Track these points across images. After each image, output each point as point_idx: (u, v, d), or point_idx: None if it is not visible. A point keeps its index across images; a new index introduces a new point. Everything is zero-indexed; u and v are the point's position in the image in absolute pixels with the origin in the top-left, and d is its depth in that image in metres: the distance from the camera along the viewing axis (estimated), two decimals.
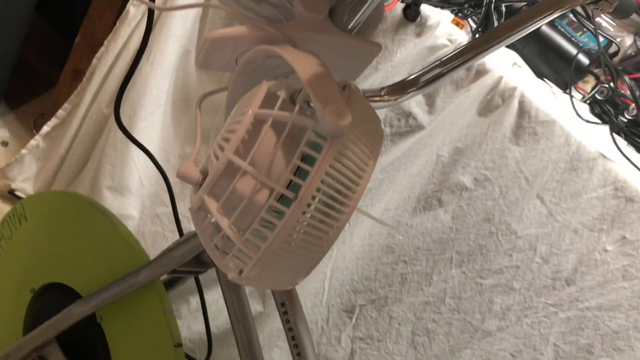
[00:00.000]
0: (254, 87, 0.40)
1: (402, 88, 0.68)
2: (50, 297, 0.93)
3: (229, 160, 0.37)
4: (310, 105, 0.42)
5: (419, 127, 1.04)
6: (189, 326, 1.23)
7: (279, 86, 0.40)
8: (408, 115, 1.04)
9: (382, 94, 0.69)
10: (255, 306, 1.15)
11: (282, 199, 0.38)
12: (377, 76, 1.05)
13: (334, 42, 0.45)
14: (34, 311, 0.94)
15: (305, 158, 0.39)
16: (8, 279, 0.98)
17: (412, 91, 0.69)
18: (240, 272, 0.38)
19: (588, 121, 0.98)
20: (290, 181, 0.39)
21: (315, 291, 1.13)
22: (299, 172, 0.39)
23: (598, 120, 1.02)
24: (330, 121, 0.35)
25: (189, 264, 0.75)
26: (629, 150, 0.99)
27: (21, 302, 0.94)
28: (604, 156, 0.89)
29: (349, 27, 0.47)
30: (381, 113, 1.05)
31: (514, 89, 0.94)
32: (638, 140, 1.03)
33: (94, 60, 1.33)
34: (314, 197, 0.37)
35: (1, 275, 0.99)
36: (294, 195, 0.36)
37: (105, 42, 1.30)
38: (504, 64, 1.00)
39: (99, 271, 0.85)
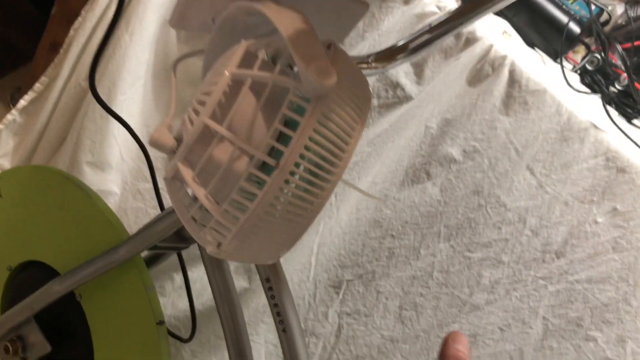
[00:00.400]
0: (232, 47, 0.37)
1: (390, 55, 0.65)
2: (28, 275, 0.90)
3: (204, 125, 0.35)
4: (292, 68, 0.39)
5: (407, 98, 1.01)
6: (174, 303, 1.21)
7: (258, 45, 0.37)
8: (396, 86, 1.02)
9: (370, 60, 0.66)
10: (240, 282, 1.13)
11: (263, 167, 0.35)
12: (363, 45, 1.02)
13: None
14: (11, 290, 0.91)
15: (288, 123, 0.36)
16: None
17: (401, 58, 0.66)
18: (219, 245, 0.36)
19: (579, 91, 0.96)
20: (273, 148, 0.36)
21: (302, 267, 1.11)
22: (282, 138, 0.36)
23: (589, 90, 1.00)
24: (314, 80, 0.32)
25: (170, 239, 0.73)
26: (620, 121, 0.97)
27: None
28: (595, 126, 0.87)
29: None
30: (368, 84, 1.02)
31: (504, 58, 0.91)
32: (629, 110, 1.01)
33: (71, 32, 1.28)
34: (297, 165, 0.34)
35: None
36: (275, 162, 0.34)
37: (82, 12, 1.25)
38: (494, 32, 0.97)
39: (77, 248, 0.82)
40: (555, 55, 1.05)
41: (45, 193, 0.87)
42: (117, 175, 1.28)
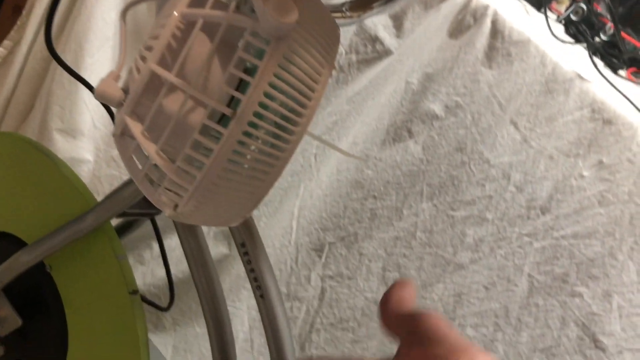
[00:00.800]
0: None
1: (366, 3, 0.61)
2: None
3: (152, 72, 0.31)
4: (252, 10, 0.35)
5: (387, 52, 0.97)
6: (153, 272, 1.18)
7: None
8: (374, 40, 0.97)
9: (344, 9, 0.62)
10: (220, 248, 1.10)
11: (220, 119, 0.32)
12: None
13: None
14: None
15: (249, 70, 0.32)
16: None
17: (377, 6, 0.62)
18: (176, 207, 0.33)
19: (564, 41, 0.93)
20: (233, 98, 0.32)
21: (283, 231, 1.08)
22: (241, 86, 0.33)
23: (573, 41, 0.96)
24: (271, 18, 0.29)
25: (139, 205, 0.69)
26: (606, 71, 0.94)
27: None
28: (580, 77, 0.84)
29: None
30: (345, 38, 0.98)
31: (486, 8, 0.88)
32: (615, 60, 0.98)
33: None
34: (257, 115, 0.31)
35: None
36: (231, 112, 0.30)
37: None
38: None
39: (45, 218, 0.78)
40: (539, 5, 1.01)
41: (11, 161, 0.82)
42: (89, 142, 1.24)
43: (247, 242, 0.65)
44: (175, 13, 0.31)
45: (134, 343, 0.74)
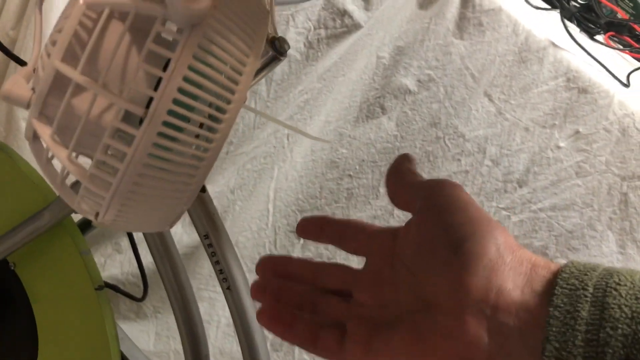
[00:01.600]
0: None
1: None
2: None
3: (56, 70, 0.28)
4: None
5: (356, 26, 0.94)
6: (130, 260, 1.16)
7: None
8: (343, 13, 0.94)
9: None
10: (194, 237, 1.08)
11: (133, 119, 0.29)
12: None
13: None
14: None
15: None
16: None
17: None
18: (97, 215, 0.30)
19: (537, 7, 0.90)
20: (151, 99, 0.29)
21: (260, 214, 1.06)
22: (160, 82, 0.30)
23: (548, 6, 0.93)
24: (182, 4, 0.26)
25: None
26: (582, 37, 0.91)
27: None
28: (554, 45, 0.81)
29: None
30: (313, 13, 0.95)
31: None
32: (591, 26, 0.95)
33: None
34: (172, 113, 0.28)
35: None
36: (143, 111, 0.28)
37: None
38: None
39: (3, 215, 0.75)
40: None
41: None
42: None
43: (210, 232, 0.63)
44: (81, 1, 0.28)
45: (103, 337, 0.73)
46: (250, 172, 1.05)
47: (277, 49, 0.53)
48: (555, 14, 0.91)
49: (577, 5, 0.96)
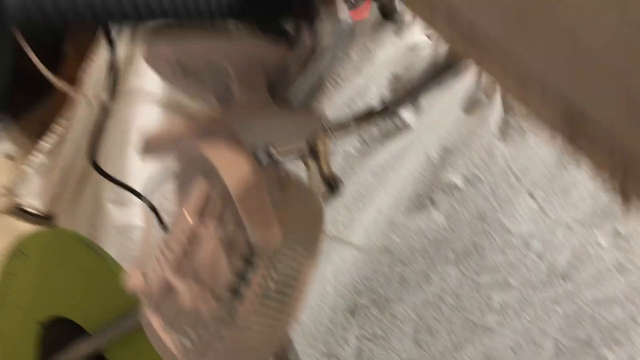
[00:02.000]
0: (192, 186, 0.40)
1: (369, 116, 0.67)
2: (58, 331, 0.96)
3: (167, 281, 0.38)
4: None
5: (406, 127, 1.02)
6: None
7: (212, 190, 0.39)
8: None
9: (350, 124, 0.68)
10: None
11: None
12: (360, 78, 1.03)
13: (276, 122, 0.44)
14: (45, 345, 0.98)
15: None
16: (17, 313, 1.01)
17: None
18: None
19: None
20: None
21: (319, 294, 1.14)
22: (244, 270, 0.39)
23: None
24: (257, 237, 0.35)
25: None
26: None
27: (29, 336, 0.97)
28: None
29: (291, 98, 0.46)
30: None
31: (496, 85, 0.92)
32: None
33: (82, 75, 1.33)
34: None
35: (11, 309, 1.02)
36: (230, 319, 0.37)
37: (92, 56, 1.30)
38: None
39: (99, 308, 0.87)
40: None
41: (66, 257, 0.92)
42: (139, 209, 1.34)
43: None
44: (188, 228, 0.38)
45: None
46: None
47: (331, 186, 0.62)
48: None
49: None
